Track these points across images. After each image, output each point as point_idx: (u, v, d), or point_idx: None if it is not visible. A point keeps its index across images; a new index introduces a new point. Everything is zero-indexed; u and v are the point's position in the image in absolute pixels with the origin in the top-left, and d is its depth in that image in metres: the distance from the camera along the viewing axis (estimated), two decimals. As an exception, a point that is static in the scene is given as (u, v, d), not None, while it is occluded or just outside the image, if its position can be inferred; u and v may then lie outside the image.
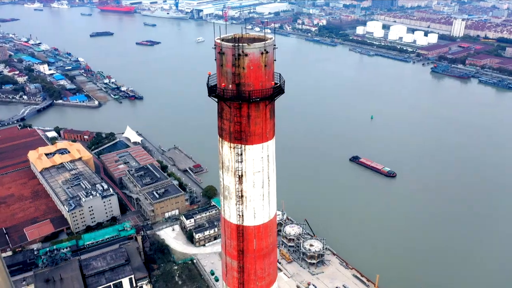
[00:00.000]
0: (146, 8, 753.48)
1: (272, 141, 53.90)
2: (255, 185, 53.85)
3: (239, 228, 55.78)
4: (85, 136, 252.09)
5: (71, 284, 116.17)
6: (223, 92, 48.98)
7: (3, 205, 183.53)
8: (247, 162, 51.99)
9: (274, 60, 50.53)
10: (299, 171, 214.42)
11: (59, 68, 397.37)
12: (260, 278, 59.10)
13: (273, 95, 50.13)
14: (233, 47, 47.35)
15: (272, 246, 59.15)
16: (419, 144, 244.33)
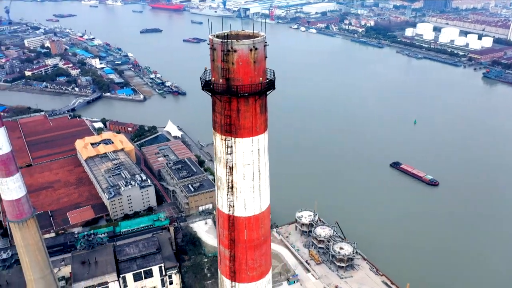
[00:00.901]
0: (194, 6, 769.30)
1: (263, 135, 55.27)
2: (245, 177, 55.66)
3: (230, 218, 57.72)
4: (129, 128, 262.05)
5: (104, 267, 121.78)
6: (214, 86, 50.82)
7: (50, 190, 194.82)
8: (237, 154, 54.01)
9: (265, 56, 52.19)
10: (337, 173, 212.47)
11: (109, 63, 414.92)
12: (252, 268, 60.83)
13: (262, 91, 51.56)
14: (222, 43, 49.09)
15: (264, 238, 60.18)
16: (465, 153, 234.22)
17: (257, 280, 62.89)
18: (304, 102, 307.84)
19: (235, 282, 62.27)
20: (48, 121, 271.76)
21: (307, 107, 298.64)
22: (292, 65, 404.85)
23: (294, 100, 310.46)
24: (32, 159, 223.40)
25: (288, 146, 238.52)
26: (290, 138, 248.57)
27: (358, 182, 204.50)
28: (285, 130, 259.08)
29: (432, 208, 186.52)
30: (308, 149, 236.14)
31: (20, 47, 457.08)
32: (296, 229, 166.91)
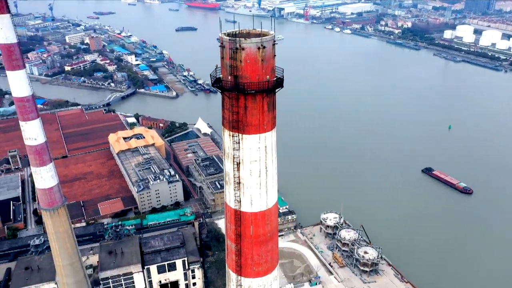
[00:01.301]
0: (230, 5, 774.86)
1: (271, 133, 55.55)
2: (252, 174, 56.07)
3: (237, 213, 58.17)
4: (160, 124, 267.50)
5: (130, 258, 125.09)
6: (223, 83, 51.89)
7: (83, 181, 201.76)
8: (244, 150, 54.54)
9: (274, 55, 52.50)
10: (365, 176, 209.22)
11: (144, 59, 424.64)
12: (257, 264, 61.11)
13: (269, 89, 51.78)
14: (230, 41, 49.72)
15: (270, 235, 60.22)
16: (502, 162, 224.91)
17: (263, 276, 62.89)
18: (335, 103, 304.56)
19: (241, 277, 62.70)
20: (84, 115, 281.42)
21: (338, 108, 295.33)
22: (325, 66, 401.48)
23: (325, 100, 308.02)
24: (67, 150, 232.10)
25: (317, 146, 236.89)
26: (319, 138, 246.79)
27: (386, 186, 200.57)
28: (315, 130, 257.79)
29: (464, 217, 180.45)
30: (337, 150, 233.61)
31: (61, 43, 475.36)
32: (321, 231, 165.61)
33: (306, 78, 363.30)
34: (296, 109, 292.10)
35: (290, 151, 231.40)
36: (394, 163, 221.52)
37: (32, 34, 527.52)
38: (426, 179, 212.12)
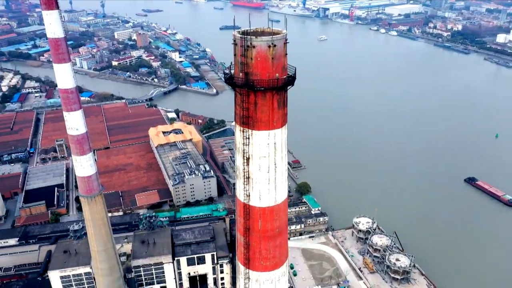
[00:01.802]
0: (274, 5, 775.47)
1: (280, 130, 55.61)
2: (261, 169, 56.47)
3: (246, 207, 58.80)
4: (199, 120, 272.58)
5: (161, 249, 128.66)
6: (235, 79, 52.98)
7: (123, 172, 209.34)
8: (253, 146, 55.17)
9: (285, 54, 52.53)
10: (403, 182, 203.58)
11: (188, 57, 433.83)
12: (265, 258, 61.42)
13: (279, 87, 52.15)
14: (241, 39, 50.65)
15: (279, 231, 60.28)
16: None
17: (270, 270, 63.06)
18: (375, 105, 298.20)
19: (249, 269, 63.34)
20: (127, 108, 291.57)
21: (379, 111, 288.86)
22: (367, 68, 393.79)
23: (365, 103, 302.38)
24: (110, 142, 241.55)
25: (354, 149, 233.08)
26: (357, 141, 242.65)
27: (425, 194, 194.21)
28: (354, 132, 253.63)
29: (508, 231, 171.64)
30: (375, 154, 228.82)
31: (110, 39, 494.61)
32: (353, 235, 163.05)
33: (345, 80, 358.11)
34: (334, 111, 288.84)
35: (326, 152, 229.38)
36: (435, 171, 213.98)
37: (84, 30, 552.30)
38: (469, 189, 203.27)
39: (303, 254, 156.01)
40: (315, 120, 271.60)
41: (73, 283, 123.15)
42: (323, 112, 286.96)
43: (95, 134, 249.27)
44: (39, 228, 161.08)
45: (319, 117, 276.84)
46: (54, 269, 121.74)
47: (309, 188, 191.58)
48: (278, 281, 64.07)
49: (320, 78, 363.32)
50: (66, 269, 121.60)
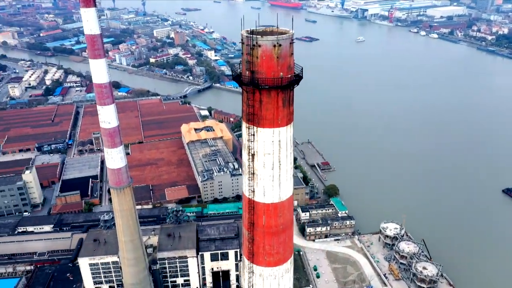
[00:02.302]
0: (312, 5, 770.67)
1: (285, 128, 56.05)
2: (265, 166, 57.36)
3: (251, 202, 59.91)
4: (231, 118, 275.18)
5: (186, 243, 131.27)
6: (242, 77, 54.28)
7: (154, 166, 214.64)
8: (258, 143, 56.24)
9: (291, 53, 53.15)
10: (434, 188, 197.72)
11: (223, 55, 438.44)
12: (269, 253, 62.15)
13: (283, 85, 52.80)
14: (247, 38, 51.75)
15: (283, 227, 60.79)
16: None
17: (274, 266, 63.69)
18: (409, 110, 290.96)
19: (253, 264, 64.18)
20: (162, 105, 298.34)
21: (412, 115, 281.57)
22: (405, 71, 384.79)
23: (400, 109, 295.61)
24: (144, 137, 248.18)
25: (387, 154, 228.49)
26: (391, 147, 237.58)
27: (459, 203, 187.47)
28: (387, 138, 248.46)
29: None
30: (408, 159, 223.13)
31: (149, 36, 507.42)
32: (379, 240, 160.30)
33: (381, 83, 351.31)
34: (368, 114, 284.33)
35: (357, 156, 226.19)
36: (471, 179, 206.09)
37: (124, 27, 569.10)
38: (507, 201, 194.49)
39: (328, 256, 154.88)
40: (349, 123, 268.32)
41: (101, 271, 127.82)
42: (356, 115, 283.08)
43: (130, 128, 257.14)
44: (72, 216, 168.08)
45: (352, 120, 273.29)
46: (83, 256, 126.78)
47: (337, 190, 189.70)
48: (282, 277, 64.55)
49: (354, 80, 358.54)
50: (95, 257, 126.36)
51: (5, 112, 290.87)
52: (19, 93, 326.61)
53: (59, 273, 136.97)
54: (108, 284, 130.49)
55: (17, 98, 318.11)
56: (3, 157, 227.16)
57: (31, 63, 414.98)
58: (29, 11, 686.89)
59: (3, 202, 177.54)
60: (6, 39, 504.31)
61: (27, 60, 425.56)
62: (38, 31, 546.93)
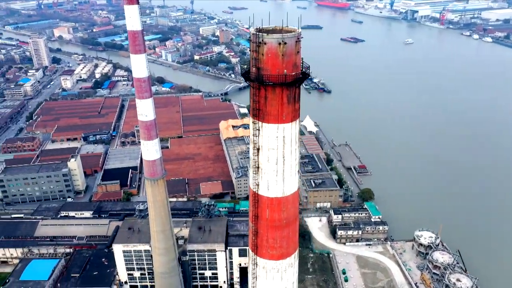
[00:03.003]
0: (360, 5, 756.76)
1: (290, 124, 56.69)
2: (269, 160, 58.33)
3: (255, 195, 60.99)
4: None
5: (215, 236, 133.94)
6: (250, 73, 55.63)
7: (191, 161, 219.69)
8: (263, 137, 57.35)
9: (297, 52, 53.75)
10: (478, 201, 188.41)
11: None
12: (272, 247, 63.06)
13: (287, 83, 53.85)
14: (254, 35, 52.82)
15: (286, 222, 61.51)
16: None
17: (277, 260, 64.52)
18: (455, 119, 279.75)
19: (257, 256, 65.31)
20: (203, 101, 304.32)
21: (459, 125, 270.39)
22: (453, 75, 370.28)
23: (443, 116, 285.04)
24: (183, 132, 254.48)
25: (427, 162, 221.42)
26: (432, 154, 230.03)
27: (499, 214, 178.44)
28: (429, 144, 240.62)
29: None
30: (448, 168, 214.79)
31: (195, 34, 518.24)
32: (413, 248, 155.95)
33: (427, 86, 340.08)
34: (410, 119, 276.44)
35: (396, 161, 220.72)
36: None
37: (172, 25, 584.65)
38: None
39: (357, 261, 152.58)
40: (389, 127, 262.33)
41: (134, 258, 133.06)
42: (398, 119, 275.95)
43: (171, 123, 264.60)
44: (111, 204, 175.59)
45: (394, 125, 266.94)
46: (118, 243, 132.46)
47: (372, 194, 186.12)
48: (285, 271, 65.10)
49: (399, 83, 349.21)
50: (129, 245, 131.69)
51: (57, 103, 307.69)
52: (71, 85, 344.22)
53: (95, 257, 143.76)
54: (140, 271, 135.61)
55: (68, 90, 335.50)
56: (52, 145, 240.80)
57: (83, 57, 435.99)
58: (85, 8, 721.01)
59: (49, 187, 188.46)
60: (62, 33, 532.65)
61: (80, 54, 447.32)
62: (91, 27, 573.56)
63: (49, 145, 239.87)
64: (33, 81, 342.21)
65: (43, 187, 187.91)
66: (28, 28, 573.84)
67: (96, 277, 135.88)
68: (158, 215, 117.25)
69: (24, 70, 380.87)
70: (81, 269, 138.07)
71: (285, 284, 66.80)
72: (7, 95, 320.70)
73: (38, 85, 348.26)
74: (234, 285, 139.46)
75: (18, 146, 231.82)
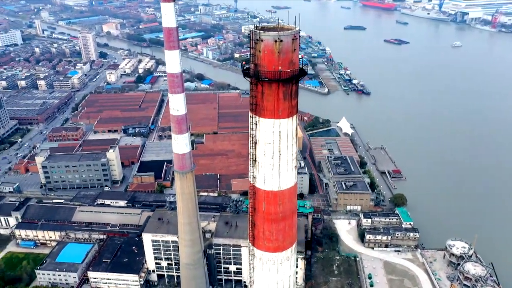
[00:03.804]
0: (407, 6, 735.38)
1: (286, 120, 57.99)
2: (265, 154, 60.32)
3: (253, 187, 63.61)
4: (305, 117, 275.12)
5: (241, 232, 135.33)
6: (248, 69, 58.02)
7: (224, 157, 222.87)
8: (260, 132, 59.44)
9: (294, 49, 54.99)
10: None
11: (306, 54, 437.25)
12: (268, 239, 64.84)
13: (282, 79, 55.45)
14: (252, 33, 54.97)
15: (282, 215, 63.75)
16: None
17: (273, 252, 65.97)
18: (499, 127, 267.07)
19: (254, 247, 67.66)
20: (240, 99, 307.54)
21: (502, 133, 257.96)
22: (501, 82, 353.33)
23: (486, 124, 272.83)
24: (219, 128, 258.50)
25: (463, 168, 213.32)
26: (470, 160, 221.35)
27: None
28: (471, 153, 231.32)
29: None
30: (486, 179, 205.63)
31: (237, 32, 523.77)
32: (444, 258, 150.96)
33: (472, 91, 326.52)
34: (448, 126, 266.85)
35: (433, 168, 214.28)
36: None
37: (215, 23, 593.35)
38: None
39: (385, 266, 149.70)
40: (428, 133, 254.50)
41: (162, 247, 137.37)
42: (437, 125, 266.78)
43: (207, 119, 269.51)
44: (144, 195, 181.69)
45: (432, 130, 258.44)
46: (147, 232, 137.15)
47: (404, 200, 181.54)
48: (281, 264, 66.16)
49: (442, 88, 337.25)
50: (157, 234, 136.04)
51: (101, 95, 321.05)
52: (115, 79, 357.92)
53: (126, 245, 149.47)
54: (167, 261, 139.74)
55: (112, 84, 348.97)
56: (94, 135, 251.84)
57: (128, 52, 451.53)
58: (133, 5, 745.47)
59: (89, 175, 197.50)
60: (110, 29, 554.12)
61: (125, 50, 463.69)
62: (138, 23, 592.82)
63: (91, 136, 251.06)
64: (81, 74, 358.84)
65: (83, 175, 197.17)
66: (79, 23, 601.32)
67: (126, 263, 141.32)
68: (186, 207, 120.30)
69: (73, 63, 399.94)
70: (112, 255, 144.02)
71: (281, 277, 68.61)
72: (56, 87, 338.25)
73: (85, 78, 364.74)
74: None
75: (63, 136, 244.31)
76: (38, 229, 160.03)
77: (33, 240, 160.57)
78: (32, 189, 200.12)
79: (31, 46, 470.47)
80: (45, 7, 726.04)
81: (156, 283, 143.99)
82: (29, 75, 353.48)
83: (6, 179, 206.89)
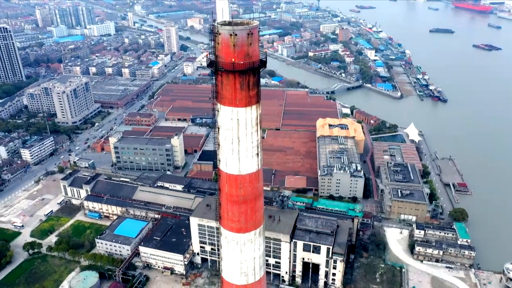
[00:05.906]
0: (506, 9, 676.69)
1: (244, 109, 61.53)
2: (226, 139, 65.48)
3: (218, 169, 70.27)
4: (372, 120, 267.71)
5: (283, 227, 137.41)
6: (210, 60, 63.10)
7: (282, 153, 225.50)
8: (221, 118, 64.69)
9: (250, 43, 58.11)
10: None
11: (383, 56, 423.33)
12: (231, 220, 70.25)
13: (238, 70, 59.43)
14: (212, 26, 59.53)
15: (243, 199, 68.11)
16: None
17: (236, 232, 70.56)
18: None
19: (220, 226, 73.90)
20: (307, 97, 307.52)
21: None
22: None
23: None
24: (281, 125, 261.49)
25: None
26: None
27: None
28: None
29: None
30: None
31: (314, 31, 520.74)
32: (501, 281, 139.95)
33: None
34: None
35: (502, 184, 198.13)
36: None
37: (294, 21, 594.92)
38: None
39: (432, 282, 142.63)
40: (503, 147, 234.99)
41: (206, 232, 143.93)
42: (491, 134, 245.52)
43: (272, 115, 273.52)
44: (200, 182, 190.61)
45: (510, 145, 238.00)
46: (194, 216, 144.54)
47: (465, 215, 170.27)
48: (244, 245, 68.96)
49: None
50: (203, 219, 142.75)
51: (176, 85, 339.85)
52: (191, 71, 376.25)
53: (176, 226, 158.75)
54: (211, 246, 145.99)
55: (188, 75, 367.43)
56: (165, 122, 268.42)
57: (207, 46, 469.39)
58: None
59: (154, 159, 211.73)
60: (194, 24, 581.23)
61: (205, 44, 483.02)
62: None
63: (162, 123, 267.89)
64: (161, 64, 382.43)
65: (148, 158, 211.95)
66: (167, 17, 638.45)
67: (174, 243, 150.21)
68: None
69: (156, 54, 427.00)
70: (163, 234, 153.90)
71: (244, 257, 73.97)
72: (138, 75, 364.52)
73: (164, 68, 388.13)
74: (296, 278, 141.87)
75: (137, 120, 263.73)
76: (103, 202, 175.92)
77: (98, 212, 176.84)
78: (104, 166, 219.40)
79: (122, 37, 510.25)
80: (139, 1, 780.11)
81: (200, 266, 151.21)
82: (116, 63, 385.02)
83: (84, 156, 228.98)
